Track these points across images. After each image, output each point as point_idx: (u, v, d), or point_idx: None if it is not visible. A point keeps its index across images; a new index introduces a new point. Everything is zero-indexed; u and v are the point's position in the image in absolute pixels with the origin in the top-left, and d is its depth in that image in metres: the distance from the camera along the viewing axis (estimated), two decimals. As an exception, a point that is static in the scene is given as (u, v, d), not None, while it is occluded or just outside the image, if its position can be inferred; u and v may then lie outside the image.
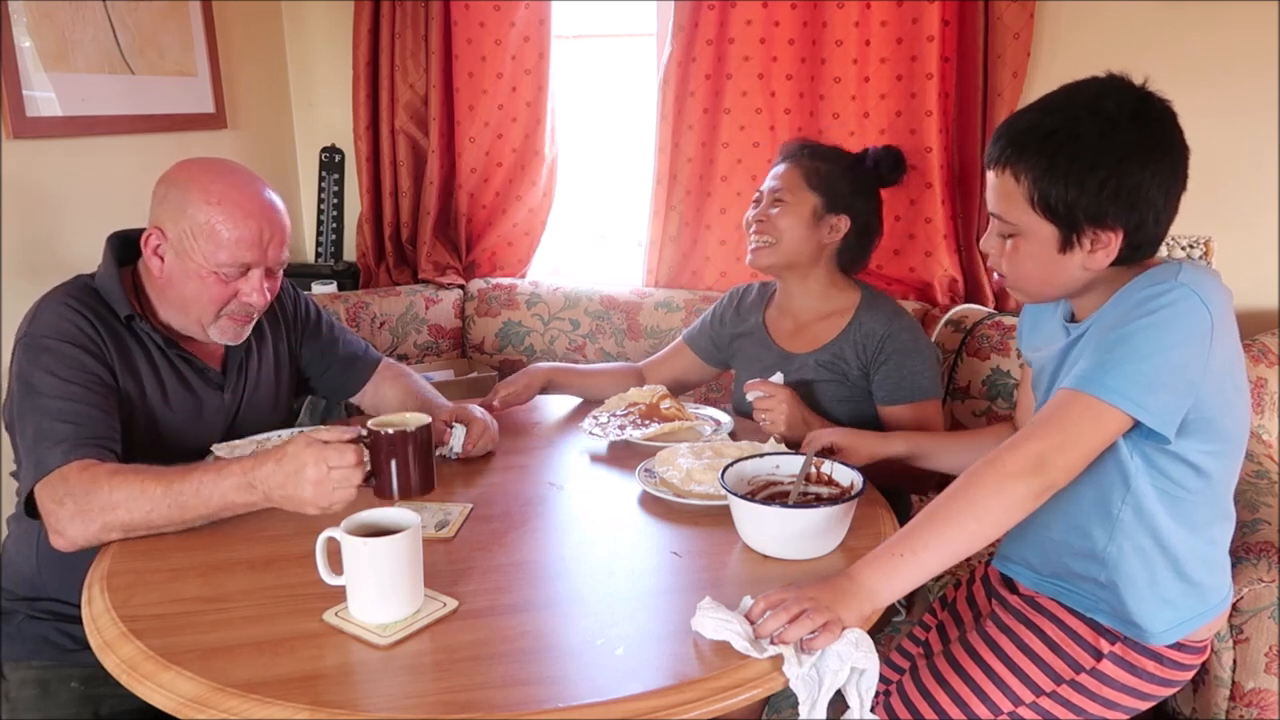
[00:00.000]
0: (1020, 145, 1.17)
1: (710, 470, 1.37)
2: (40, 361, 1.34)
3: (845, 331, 1.73)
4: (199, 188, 1.39)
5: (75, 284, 1.44)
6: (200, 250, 1.38)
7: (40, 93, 2.05)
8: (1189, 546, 1.21)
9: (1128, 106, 1.14)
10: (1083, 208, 1.14)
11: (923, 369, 1.69)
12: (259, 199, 1.42)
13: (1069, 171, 1.13)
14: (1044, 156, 1.15)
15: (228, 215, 1.38)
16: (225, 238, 1.38)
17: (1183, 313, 1.09)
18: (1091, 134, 1.13)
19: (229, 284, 1.41)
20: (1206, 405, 1.12)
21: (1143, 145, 1.14)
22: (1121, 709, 1.25)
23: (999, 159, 1.19)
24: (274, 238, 1.42)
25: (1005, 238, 1.22)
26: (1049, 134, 1.15)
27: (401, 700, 0.93)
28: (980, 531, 1.09)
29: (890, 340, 1.69)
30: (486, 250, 2.76)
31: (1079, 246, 1.17)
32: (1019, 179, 1.17)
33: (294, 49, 2.84)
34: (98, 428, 1.32)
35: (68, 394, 1.32)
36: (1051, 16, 2.20)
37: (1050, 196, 1.15)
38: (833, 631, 1.01)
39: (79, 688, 1.42)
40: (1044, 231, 1.18)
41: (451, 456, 1.52)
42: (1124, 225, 1.15)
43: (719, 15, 2.36)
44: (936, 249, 2.30)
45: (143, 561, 1.21)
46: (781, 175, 1.78)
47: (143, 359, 1.44)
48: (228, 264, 1.39)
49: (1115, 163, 1.13)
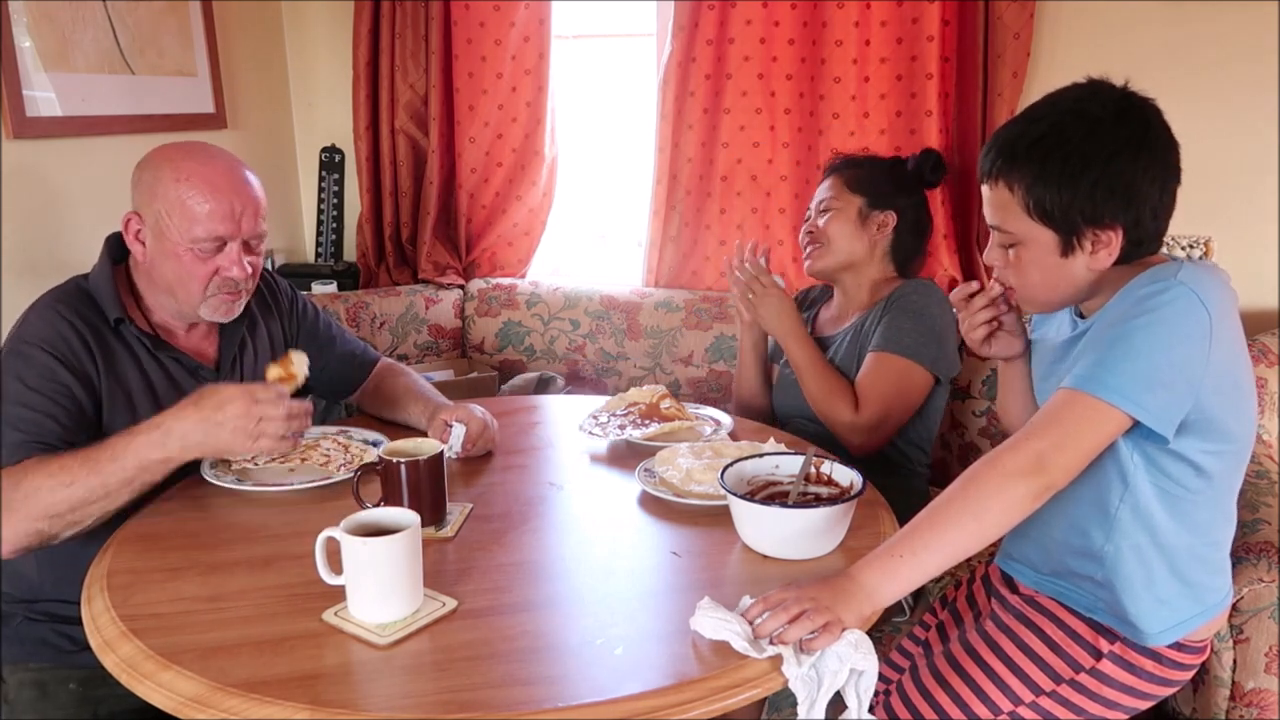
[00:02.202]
0: (1010, 155, 1.19)
1: (710, 470, 1.37)
2: (12, 367, 1.34)
3: (875, 304, 1.82)
4: (170, 167, 1.40)
5: (67, 288, 1.44)
6: (175, 228, 1.39)
7: (40, 93, 2.05)
8: (1187, 547, 1.21)
9: (1111, 106, 1.16)
10: (1078, 209, 1.15)
11: (912, 328, 1.73)
12: (229, 173, 1.42)
13: (1061, 175, 1.15)
14: (1034, 163, 1.17)
15: (198, 190, 1.38)
16: (198, 212, 1.38)
17: (1180, 312, 1.09)
18: (1078, 136, 1.15)
19: (207, 260, 1.41)
20: (1208, 405, 1.12)
21: (1130, 141, 1.15)
22: (1121, 708, 1.25)
23: (991, 172, 1.21)
24: (246, 209, 1.42)
25: (1007, 248, 1.23)
26: (1037, 141, 1.17)
27: (401, 700, 0.93)
28: (980, 532, 1.09)
29: (901, 299, 1.76)
30: (486, 250, 2.76)
31: (1080, 249, 1.17)
32: (1013, 189, 1.19)
33: (294, 49, 2.85)
34: (48, 436, 1.31)
35: (27, 401, 1.32)
36: (1051, 16, 2.20)
37: (1045, 202, 1.16)
38: (832, 632, 1.01)
39: (77, 689, 1.42)
40: (1044, 238, 1.19)
41: (451, 456, 1.52)
42: (1122, 222, 1.15)
43: (719, 15, 2.36)
44: (937, 249, 2.30)
45: (142, 561, 1.21)
46: (826, 187, 1.90)
47: (131, 364, 1.43)
48: (203, 239, 1.39)
49: (1105, 161, 1.14)
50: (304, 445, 1.54)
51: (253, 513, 1.35)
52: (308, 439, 1.58)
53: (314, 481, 1.42)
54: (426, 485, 1.26)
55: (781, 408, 1.95)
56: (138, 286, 1.48)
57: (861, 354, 1.79)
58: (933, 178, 1.98)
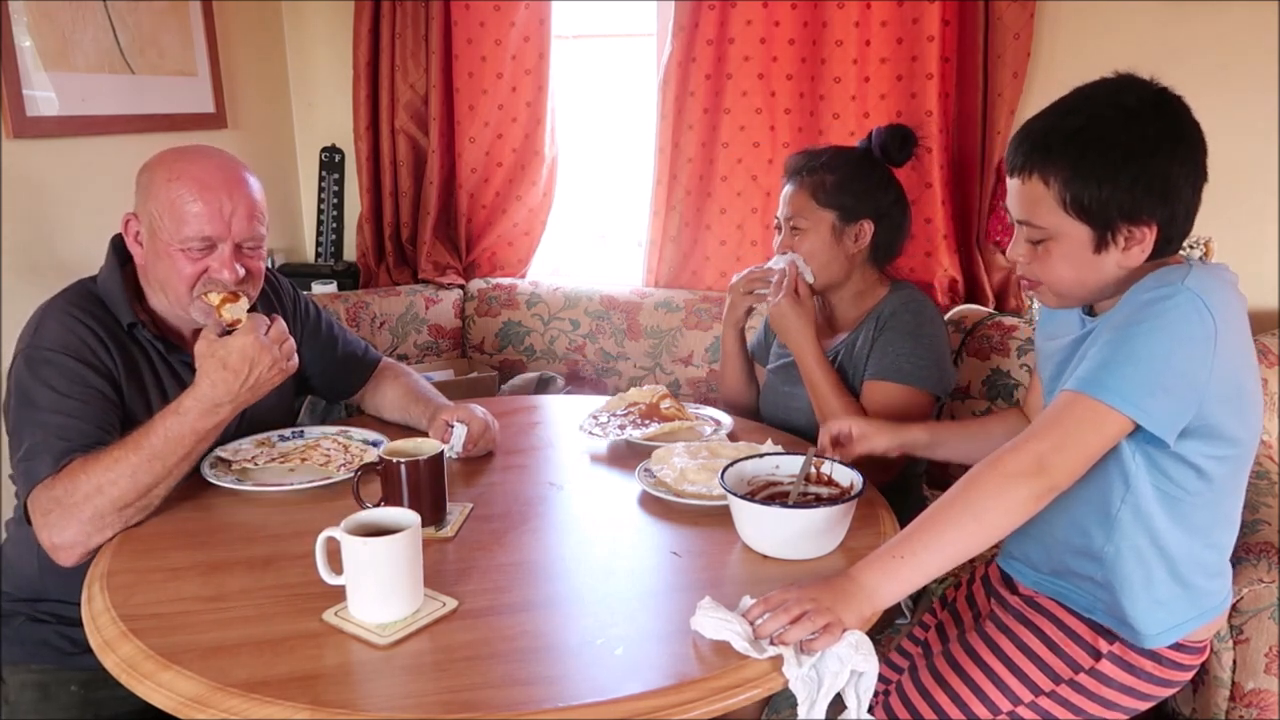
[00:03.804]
0: (1045, 148, 1.15)
1: (705, 470, 1.37)
2: (40, 375, 1.34)
3: (865, 319, 1.73)
4: (164, 168, 1.40)
5: (78, 291, 1.44)
6: (166, 228, 1.39)
7: (40, 92, 2.05)
8: (1186, 550, 1.20)
9: (1149, 99, 1.14)
10: (1117, 204, 1.12)
11: (910, 352, 1.64)
12: (222, 174, 1.41)
13: (1101, 168, 1.12)
14: (1072, 156, 1.13)
15: (188, 189, 1.38)
16: (187, 212, 1.38)
17: (1184, 318, 1.08)
18: (1118, 128, 1.12)
19: (197, 261, 1.40)
20: (1211, 411, 1.11)
21: (1169, 136, 1.12)
22: (1121, 709, 1.25)
23: (1024, 165, 1.16)
24: (238, 211, 1.40)
25: (1036, 243, 1.19)
26: (1074, 133, 1.13)
27: (401, 700, 0.93)
28: (980, 533, 1.09)
29: (893, 318, 1.67)
30: (486, 250, 2.76)
31: (1113, 245, 1.15)
32: (1048, 182, 1.15)
33: (294, 49, 2.84)
34: (90, 441, 1.31)
35: (64, 409, 1.32)
36: (1051, 16, 2.20)
37: (1084, 197, 1.13)
38: (833, 634, 1.01)
39: (79, 691, 1.42)
40: (1078, 233, 1.15)
41: (453, 456, 1.52)
42: (1158, 219, 1.13)
43: (719, 15, 2.36)
44: (936, 249, 2.30)
45: (142, 561, 1.21)
46: (791, 199, 1.74)
47: (146, 368, 1.44)
48: (192, 238, 1.38)
49: (1147, 155, 1.11)
50: (304, 445, 1.54)
51: (253, 513, 1.35)
52: (308, 439, 1.58)
53: (314, 481, 1.42)
54: (427, 485, 1.26)
55: (771, 419, 1.86)
56: (145, 290, 1.48)
57: (854, 373, 1.71)
58: (900, 158, 1.76)
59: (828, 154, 1.75)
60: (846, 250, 1.71)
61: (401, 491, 1.24)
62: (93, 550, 1.26)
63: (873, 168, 1.74)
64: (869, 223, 1.70)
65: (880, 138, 1.74)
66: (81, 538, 1.25)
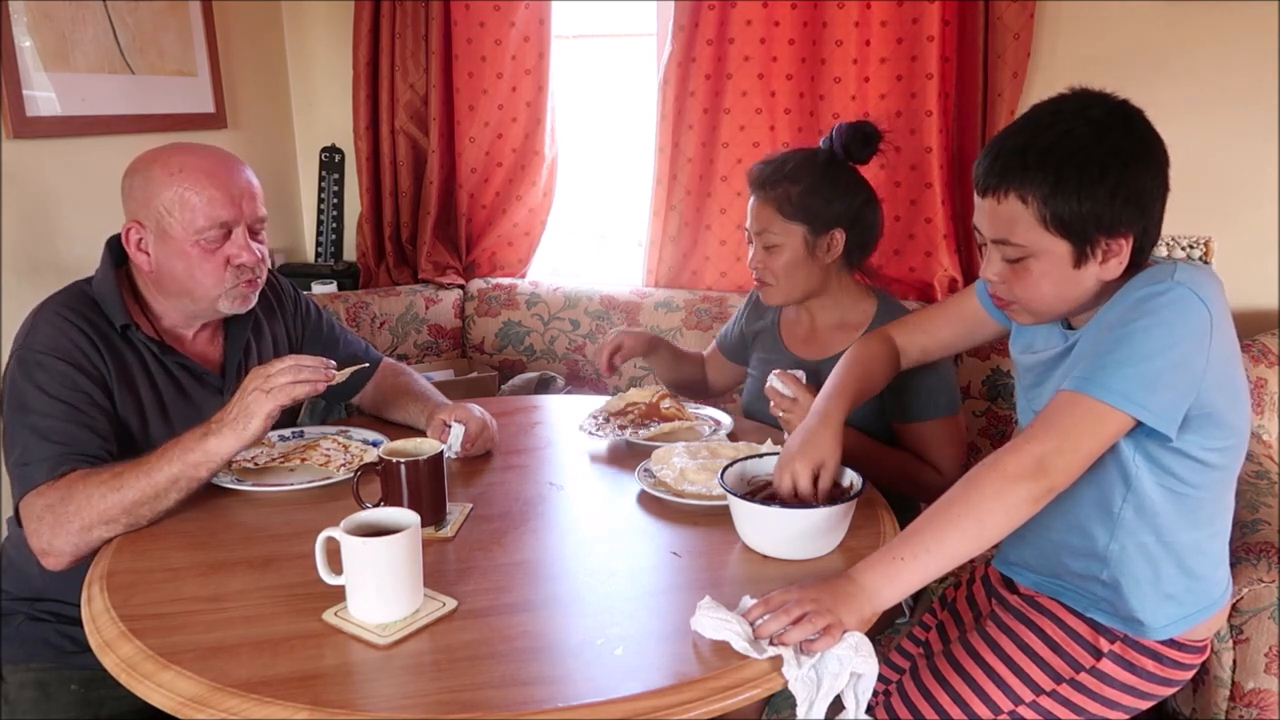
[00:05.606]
0: (1020, 166, 1.14)
1: (704, 470, 1.37)
2: (33, 378, 1.33)
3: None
4: (160, 166, 1.39)
5: (72, 293, 1.43)
6: (178, 225, 1.38)
7: (40, 92, 2.05)
8: (1193, 541, 1.21)
9: (1115, 111, 1.14)
10: (1096, 218, 1.12)
11: (936, 384, 1.62)
12: (220, 161, 1.42)
13: (1079, 183, 1.11)
14: (1049, 172, 1.12)
15: (193, 181, 1.38)
16: (198, 202, 1.37)
17: (1181, 312, 1.09)
18: (1091, 143, 1.12)
19: (215, 251, 1.40)
20: (1208, 401, 1.12)
21: (1140, 147, 1.14)
22: (1121, 708, 1.25)
23: (999, 184, 1.15)
24: (245, 193, 1.42)
25: (1014, 262, 1.19)
26: (1048, 150, 1.13)
27: (401, 700, 0.93)
28: (981, 534, 1.09)
29: None
30: (486, 250, 2.76)
31: (1092, 258, 1.15)
32: (1026, 200, 1.14)
33: (294, 49, 2.85)
34: (85, 446, 1.31)
35: (56, 412, 1.32)
36: (1051, 16, 2.20)
37: (1064, 212, 1.12)
38: (833, 635, 1.01)
39: (79, 690, 1.42)
40: (1058, 249, 1.15)
41: (451, 456, 1.52)
42: (1135, 231, 1.14)
43: (719, 15, 2.36)
44: (936, 249, 2.30)
45: (142, 561, 1.21)
46: (757, 214, 1.68)
47: (139, 370, 1.43)
48: (207, 228, 1.38)
49: (1122, 167, 1.11)
50: (304, 445, 1.54)
51: (253, 513, 1.35)
52: (308, 439, 1.58)
53: (314, 481, 1.42)
54: (426, 485, 1.26)
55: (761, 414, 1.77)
56: (143, 293, 1.48)
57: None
58: (862, 157, 1.68)
59: (791, 162, 1.67)
60: (820, 262, 1.67)
61: (401, 491, 1.24)
62: (82, 558, 1.27)
63: (838, 171, 1.67)
64: (840, 232, 1.66)
65: (842, 137, 1.67)
66: (69, 547, 1.26)
